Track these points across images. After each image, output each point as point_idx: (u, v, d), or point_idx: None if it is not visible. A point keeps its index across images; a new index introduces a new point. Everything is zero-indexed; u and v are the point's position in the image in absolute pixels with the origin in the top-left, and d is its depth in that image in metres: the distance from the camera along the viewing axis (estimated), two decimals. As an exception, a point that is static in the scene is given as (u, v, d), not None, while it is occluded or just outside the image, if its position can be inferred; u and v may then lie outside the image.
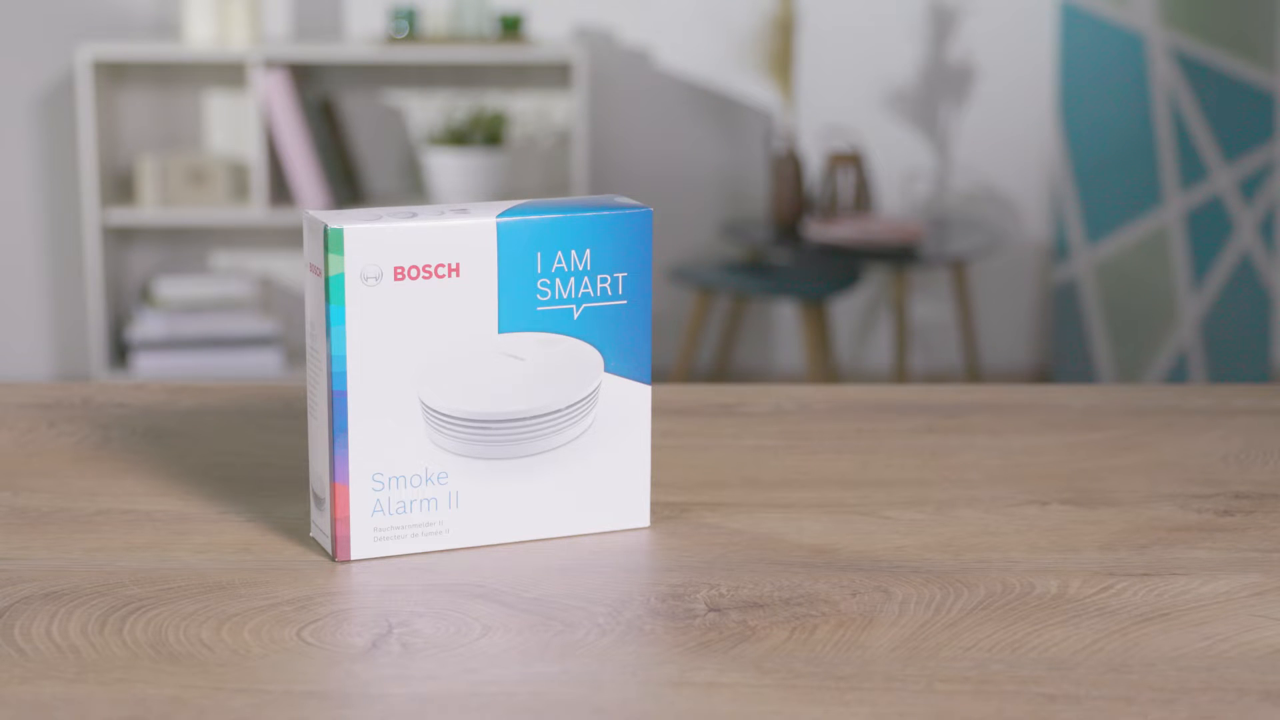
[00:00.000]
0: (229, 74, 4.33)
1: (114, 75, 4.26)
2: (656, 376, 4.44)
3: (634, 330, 1.11)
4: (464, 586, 1.03)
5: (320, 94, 4.35)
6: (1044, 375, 4.65)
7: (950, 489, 1.21)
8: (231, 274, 4.39)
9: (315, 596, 1.01)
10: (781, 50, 4.30)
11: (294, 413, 1.36)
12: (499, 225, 1.06)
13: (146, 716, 0.87)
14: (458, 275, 1.06)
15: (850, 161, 4.24)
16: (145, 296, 4.33)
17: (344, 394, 1.05)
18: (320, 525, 1.09)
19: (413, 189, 4.43)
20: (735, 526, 1.14)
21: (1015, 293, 4.64)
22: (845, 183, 4.24)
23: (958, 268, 4.35)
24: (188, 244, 4.42)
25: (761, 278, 4.20)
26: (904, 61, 4.52)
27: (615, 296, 1.10)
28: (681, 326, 4.50)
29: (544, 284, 1.08)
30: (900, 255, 4.06)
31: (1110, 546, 1.10)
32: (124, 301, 4.36)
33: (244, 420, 1.35)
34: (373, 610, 1.00)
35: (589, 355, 1.10)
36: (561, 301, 1.09)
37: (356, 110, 4.39)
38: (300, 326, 4.44)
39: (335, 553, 1.07)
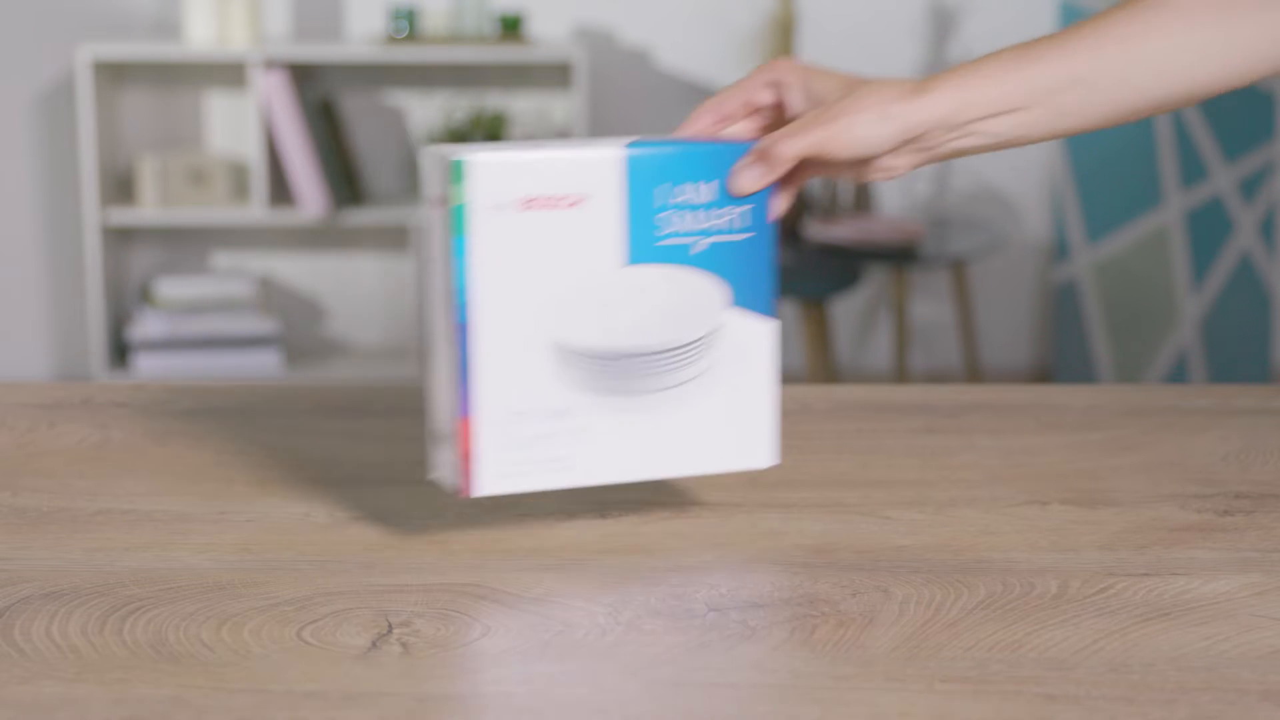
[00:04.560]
0: (229, 74, 4.33)
1: (114, 75, 4.26)
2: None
3: (757, 264, 1.08)
4: (464, 586, 1.03)
5: (320, 94, 4.35)
6: (1044, 375, 4.65)
7: (950, 489, 1.21)
8: (231, 274, 4.39)
9: (315, 596, 1.01)
10: (781, 50, 4.30)
11: (294, 412, 1.36)
12: (629, 158, 1.05)
13: (146, 716, 0.87)
14: (584, 207, 1.04)
15: (850, 161, 4.24)
16: (145, 296, 4.33)
17: (470, 327, 1.03)
18: (443, 463, 1.07)
19: (413, 189, 4.43)
20: (735, 526, 1.14)
21: (1015, 293, 4.64)
22: (845, 182, 4.24)
23: (958, 268, 4.35)
24: (188, 244, 4.42)
25: (761, 278, 4.20)
26: (904, 61, 4.52)
27: (740, 230, 1.08)
28: (681, 326, 4.49)
29: (669, 217, 1.06)
30: (900, 255, 4.06)
31: (1110, 546, 1.10)
32: (124, 301, 4.36)
33: (244, 420, 1.35)
34: (373, 610, 1.00)
35: (713, 289, 1.08)
36: (688, 235, 1.07)
37: (356, 110, 4.39)
38: (300, 326, 4.44)
39: (464, 488, 1.05)
